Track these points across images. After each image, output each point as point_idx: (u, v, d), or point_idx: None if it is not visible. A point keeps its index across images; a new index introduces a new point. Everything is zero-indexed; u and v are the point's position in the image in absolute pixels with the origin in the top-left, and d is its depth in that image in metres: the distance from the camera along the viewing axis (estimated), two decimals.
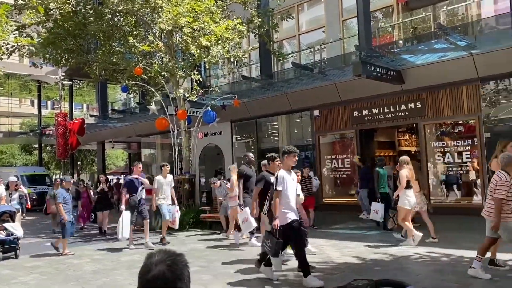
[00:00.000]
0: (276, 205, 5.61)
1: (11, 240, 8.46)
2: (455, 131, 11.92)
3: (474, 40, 10.85)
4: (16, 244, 8.50)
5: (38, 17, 12.47)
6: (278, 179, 5.67)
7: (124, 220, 8.85)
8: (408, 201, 7.58)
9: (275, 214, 5.61)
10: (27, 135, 29.20)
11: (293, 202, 5.78)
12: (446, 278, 5.55)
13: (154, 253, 1.42)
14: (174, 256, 1.41)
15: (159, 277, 1.34)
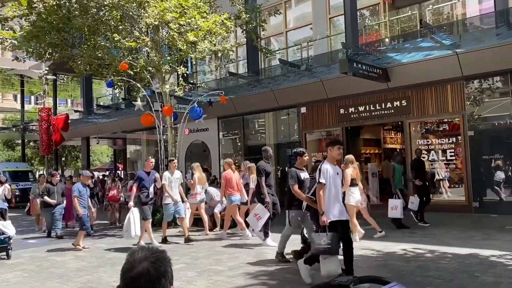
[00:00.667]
0: (320, 199, 5.19)
1: (2, 240, 8.00)
2: (440, 129, 12.06)
3: (459, 39, 10.99)
4: (7, 244, 8.03)
5: (21, 10, 12.21)
6: (322, 172, 5.24)
7: (134, 217, 8.30)
8: (353, 197, 7.98)
9: (321, 210, 5.18)
10: (9, 131, 28.71)
11: (339, 197, 5.38)
12: (430, 274, 5.62)
13: (137, 250, 1.40)
14: (157, 253, 1.39)
15: (143, 274, 1.33)
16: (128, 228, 8.24)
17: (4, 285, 6.13)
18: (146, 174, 8.73)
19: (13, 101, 39.33)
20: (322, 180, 5.21)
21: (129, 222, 8.25)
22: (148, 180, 8.66)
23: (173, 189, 8.86)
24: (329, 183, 5.24)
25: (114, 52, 12.73)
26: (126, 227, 8.33)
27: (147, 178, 8.68)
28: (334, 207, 5.26)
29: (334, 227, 5.15)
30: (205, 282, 5.73)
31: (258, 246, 8.10)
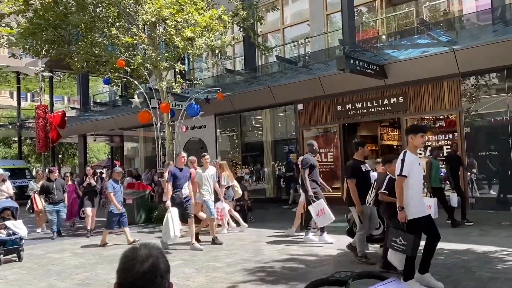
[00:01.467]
0: (400, 193, 4.68)
1: (13, 241, 7.49)
2: (437, 126, 12.10)
3: (455, 35, 11.00)
4: (19, 245, 7.54)
5: (17, 6, 12.16)
6: (404, 163, 4.70)
7: (173, 217, 7.69)
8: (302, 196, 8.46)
9: (399, 205, 4.69)
10: (6, 128, 28.57)
11: (420, 191, 4.90)
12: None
13: (139, 247, 1.41)
14: (159, 250, 1.41)
15: (154, 269, 1.34)
16: (167, 229, 7.58)
17: (2, 283, 6.13)
18: (179, 171, 8.00)
19: (9, 98, 39.17)
20: (404, 173, 4.69)
21: (168, 223, 7.60)
22: (182, 177, 7.97)
23: (207, 187, 8.30)
24: (412, 176, 4.73)
25: (111, 49, 12.69)
26: (165, 228, 7.67)
27: (181, 175, 7.96)
28: (416, 202, 4.76)
29: (416, 225, 4.69)
30: (203, 279, 5.75)
31: (256, 243, 8.12)
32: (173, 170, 8.01)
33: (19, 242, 7.57)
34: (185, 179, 8.01)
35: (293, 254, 6.99)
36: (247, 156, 16.59)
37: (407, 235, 4.60)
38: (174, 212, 7.69)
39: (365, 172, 6.18)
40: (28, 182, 14.89)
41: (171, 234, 7.58)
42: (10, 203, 8.19)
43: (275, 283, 5.42)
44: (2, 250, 7.31)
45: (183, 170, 8.09)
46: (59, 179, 10.59)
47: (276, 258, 6.71)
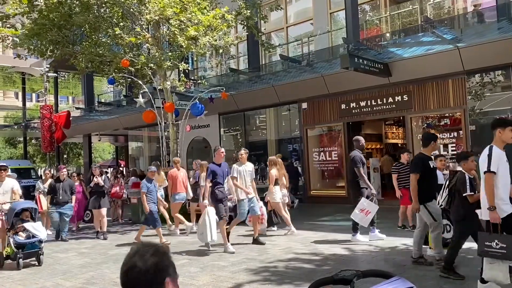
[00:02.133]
0: (490, 192, 4.29)
1: (32, 244, 7.07)
2: (441, 124, 12.05)
3: (460, 33, 10.95)
4: (38, 248, 7.14)
5: (22, 7, 12.22)
6: (492, 158, 4.35)
7: (210, 218, 7.24)
8: (276, 195, 8.75)
9: (491, 205, 4.27)
10: (11, 128, 28.73)
11: (509, 187, 4.44)
12: (431, 268, 5.63)
13: (138, 247, 1.43)
14: (154, 247, 1.43)
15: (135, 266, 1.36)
16: (204, 230, 7.23)
17: (9, 282, 6.18)
18: (218, 167, 7.55)
19: (14, 99, 39.40)
20: (492, 168, 4.31)
21: (205, 224, 7.21)
22: (221, 173, 7.55)
23: (245, 183, 7.75)
24: (501, 172, 4.38)
25: (115, 49, 12.74)
26: (201, 229, 7.32)
27: (220, 170, 7.53)
28: (506, 199, 4.35)
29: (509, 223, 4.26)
30: (208, 278, 5.77)
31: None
32: (212, 167, 7.52)
33: (39, 245, 7.16)
34: (224, 174, 7.64)
35: (297, 253, 6.99)
36: (251, 155, 16.53)
37: (506, 237, 4.10)
38: (211, 213, 7.26)
39: (433, 169, 5.83)
40: (34, 182, 14.85)
41: (208, 238, 7.22)
42: (29, 204, 7.78)
43: (280, 282, 5.42)
44: (21, 254, 6.91)
45: (222, 165, 7.64)
46: (68, 180, 9.95)
47: (281, 257, 6.72)
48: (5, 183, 7.76)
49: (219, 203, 7.45)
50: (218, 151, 7.68)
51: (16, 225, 7.19)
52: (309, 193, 14.25)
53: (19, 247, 6.96)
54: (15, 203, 7.50)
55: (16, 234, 7.12)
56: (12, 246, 6.95)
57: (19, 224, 7.21)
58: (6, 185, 7.75)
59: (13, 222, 7.20)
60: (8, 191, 7.72)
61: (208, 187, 7.41)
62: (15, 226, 7.18)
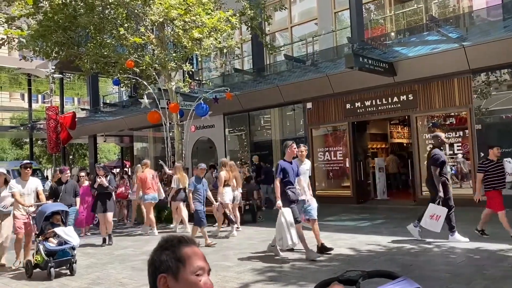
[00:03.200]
0: None
1: (64, 251, 6.38)
2: (447, 123, 12.00)
3: (465, 32, 10.90)
4: (71, 256, 6.40)
5: (27, 9, 12.29)
6: None
7: (287, 220, 6.46)
8: (226, 196, 9.18)
9: None
10: (17, 129, 28.92)
11: None
12: (438, 268, 5.61)
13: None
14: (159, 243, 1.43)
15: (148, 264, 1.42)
16: (283, 234, 6.46)
17: (15, 282, 6.21)
18: (289, 164, 6.89)
19: (20, 100, 39.64)
20: None
21: (282, 228, 6.47)
22: (292, 171, 6.89)
23: (302, 182, 7.11)
24: None
25: (120, 50, 12.79)
26: (279, 234, 6.54)
27: (290, 168, 6.86)
28: None
29: None
30: (213, 278, 5.74)
31: (266, 242, 8.12)
32: (282, 164, 6.82)
33: (71, 252, 6.43)
34: (296, 173, 6.93)
35: (302, 253, 6.98)
36: (256, 155, 16.59)
37: None
38: (287, 214, 6.52)
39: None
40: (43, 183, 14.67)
41: (288, 241, 6.42)
42: (60, 206, 6.97)
43: (285, 282, 5.42)
44: (53, 263, 6.19)
45: (293, 163, 6.96)
46: (71, 181, 9.02)
47: (286, 257, 6.71)
48: (29, 183, 7.11)
49: (291, 204, 6.65)
50: (291, 147, 6.89)
51: (46, 230, 6.54)
52: (314, 193, 14.21)
53: (50, 254, 6.24)
54: (44, 205, 6.84)
55: (46, 240, 6.42)
56: (42, 253, 6.23)
57: (49, 229, 6.54)
58: (30, 185, 7.10)
59: (43, 227, 6.53)
60: (32, 191, 7.12)
61: (279, 186, 6.66)
62: (44, 231, 6.52)
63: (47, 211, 6.56)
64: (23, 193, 6.96)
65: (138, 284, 5.74)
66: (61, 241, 6.42)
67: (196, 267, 1.38)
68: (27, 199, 7.00)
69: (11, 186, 6.89)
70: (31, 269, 6.37)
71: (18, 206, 6.99)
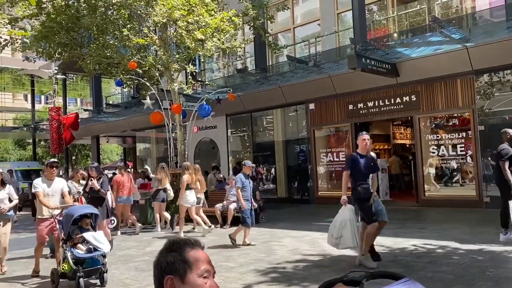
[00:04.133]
0: None
1: (94, 259, 5.72)
2: (450, 124, 11.97)
3: (468, 33, 10.87)
4: (101, 265, 5.74)
5: (30, 9, 12.33)
6: None
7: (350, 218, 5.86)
8: (187, 199, 9.30)
9: None
10: (20, 130, 29.01)
11: None
12: (441, 269, 5.60)
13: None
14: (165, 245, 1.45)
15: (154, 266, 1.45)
16: (344, 233, 5.76)
17: (19, 284, 6.22)
18: (361, 158, 6.05)
19: (23, 101, 39.75)
20: None
21: (344, 226, 5.81)
22: (366, 166, 6.01)
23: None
24: None
25: (123, 51, 12.82)
26: (337, 231, 5.88)
27: (364, 163, 6.02)
28: None
29: None
30: (216, 279, 5.73)
31: (268, 243, 8.12)
32: (354, 157, 6.08)
33: (101, 260, 5.76)
34: (370, 168, 6.10)
35: (305, 254, 6.98)
36: (258, 156, 16.60)
37: None
38: (348, 213, 5.84)
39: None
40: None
41: (350, 242, 5.73)
42: (90, 209, 6.23)
43: (288, 283, 5.41)
44: (82, 273, 5.51)
45: (367, 157, 6.13)
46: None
47: (288, 259, 6.71)
48: (55, 183, 6.54)
49: (363, 203, 5.90)
50: (360, 139, 6.14)
51: (74, 235, 5.86)
52: (317, 194, 14.22)
53: (79, 262, 5.60)
54: (72, 207, 6.17)
55: (74, 246, 5.75)
56: (70, 261, 5.56)
57: (77, 234, 5.87)
58: (55, 186, 6.53)
59: (70, 232, 5.83)
60: (57, 192, 6.53)
61: (347, 180, 6.00)
62: (72, 237, 5.84)
63: (75, 214, 5.83)
64: (47, 193, 6.37)
65: (142, 285, 5.75)
66: (90, 248, 5.75)
67: (202, 270, 1.40)
68: (51, 201, 6.38)
69: (35, 186, 6.36)
70: (58, 278, 5.73)
71: (42, 209, 6.40)
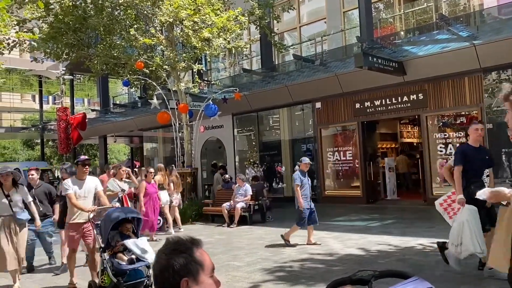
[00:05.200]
0: None
1: (137, 270, 4.95)
2: (457, 122, 11.89)
3: (476, 30, 10.80)
4: (145, 277, 4.94)
5: (38, 12, 12.43)
6: None
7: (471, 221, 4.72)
8: (160, 199, 9.56)
9: None
10: (29, 130, 29.23)
11: None
12: (449, 268, 5.56)
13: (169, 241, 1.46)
14: (169, 245, 1.43)
15: (154, 268, 1.42)
16: (464, 239, 4.72)
17: (28, 282, 6.28)
18: (475, 150, 5.21)
19: (31, 101, 40.02)
20: None
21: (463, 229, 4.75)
22: (480, 160, 5.17)
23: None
24: None
25: (130, 51, 12.88)
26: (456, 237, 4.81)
27: (477, 156, 5.16)
28: None
29: None
30: (223, 278, 5.78)
31: (275, 242, 8.13)
32: (465, 149, 5.24)
33: (145, 271, 4.96)
34: (485, 163, 5.24)
35: (312, 253, 6.97)
36: (265, 155, 16.61)
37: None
38: (468, 213, 4.79)
39: None
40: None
41: (473, 248, 4.68)
42: (132, 212, 5.44)
43: (295, 282, 5.42)
44: (124, 286, 4.82)
45: (480, 149, 5.34)
46: (44, 184, 7.50)
47: (295, 258, 6.71)
48: (87, 183, 5.75)
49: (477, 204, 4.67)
50: (472, 128, 5.35)
51: (114, 242, 5.09)
52: (324, 193, 14.19)
53: (119, 274, 4.86)
54: (112, 210, 5.30)
55: (114, 256, 5.02)
56: (110, 273, 4.87)
57: (117, 242, 5.08)
58: (88, 186, 5.75)
59: (109, 239, 5.06)
60: (90, 193, 5.77)
61: (460, 178, 5.05)
62: (112, 245, 5.08)
63: (116, 218, 5.02)
64: (78, 195, 5.62)
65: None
66: (132, 257, 4.96)
67: (211, 269, 1.42)
68: (84, 203, 5.63)
69: (65, 187, 5.62)
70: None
71: (73, 213, 5.64)
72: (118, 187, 8.19)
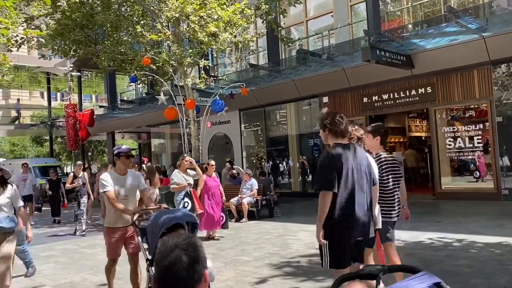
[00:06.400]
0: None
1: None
2: (466, 116, 11.79)
3: (485, 22, 10.66)
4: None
5: (45, 9, 12.49)
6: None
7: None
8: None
9: None
10: (37, 127, 29.46)
11: None
12: (459, 263, 5.53)
13: (169, 238, 1.42)
14: (187, 239, 1.41)
15: (176, 262, 1.33)
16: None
17: (39, 277, 6.35)
18: None
19: (40, 98, 40.34)
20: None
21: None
22: None
23: None
24: None
25: (137, 47, 12.91)
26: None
27: None
28: None
29: None
30: (232, 272, 5.80)
31: (283, 237, 8.13)
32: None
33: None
34: None
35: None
36: (272, 150, 16.60)
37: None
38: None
39: None
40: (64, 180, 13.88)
41: None
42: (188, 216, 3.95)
43: (303, 277, 5.41)
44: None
45: None
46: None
47: (303, 253, 6.71)
48: (128, 179, 4.64)
49: None
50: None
51: None
52: None
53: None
54: (160, 213, 3.95)
55: None
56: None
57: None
58: (130, 183, 4.64)
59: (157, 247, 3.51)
60: (133, 191, 4.69)
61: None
62: None
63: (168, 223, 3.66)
64: (119, 193, 4.53)
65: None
66: None
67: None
68: (125, 204, 4.55)
69: (103, 184, 4.50)
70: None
71: (113, 216, 4.59)
72: (183, 180, 7.21)
